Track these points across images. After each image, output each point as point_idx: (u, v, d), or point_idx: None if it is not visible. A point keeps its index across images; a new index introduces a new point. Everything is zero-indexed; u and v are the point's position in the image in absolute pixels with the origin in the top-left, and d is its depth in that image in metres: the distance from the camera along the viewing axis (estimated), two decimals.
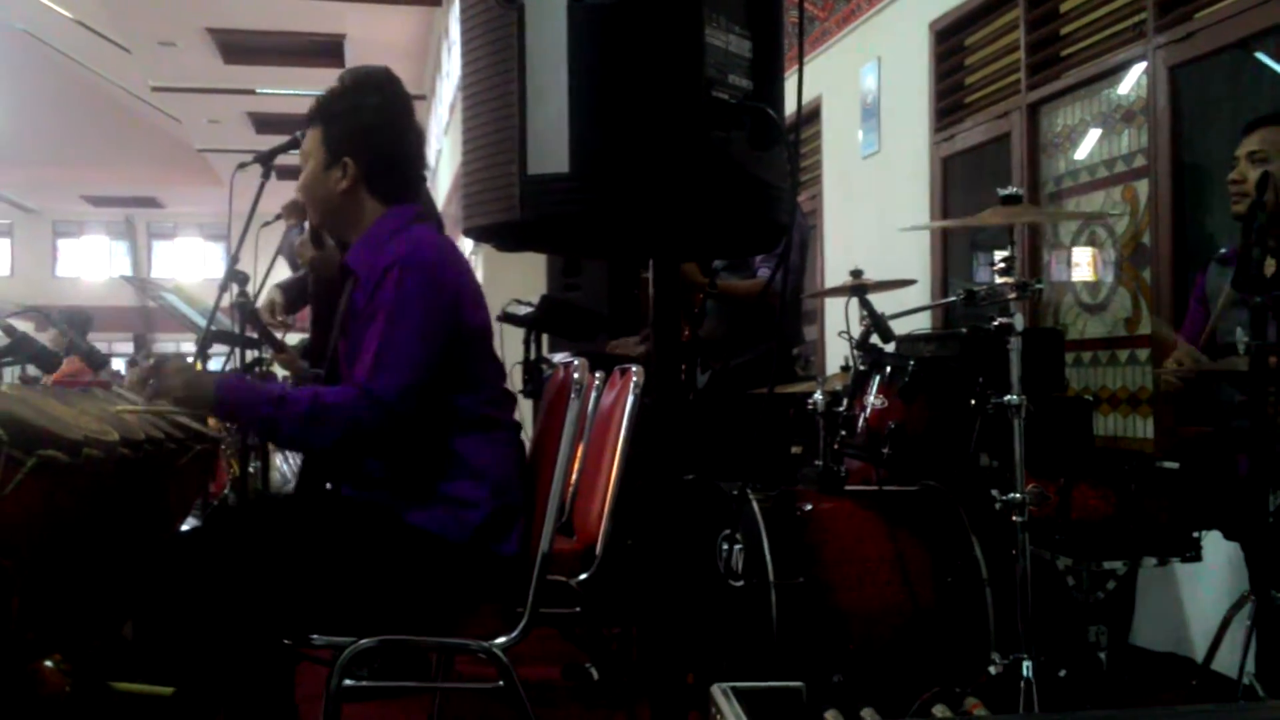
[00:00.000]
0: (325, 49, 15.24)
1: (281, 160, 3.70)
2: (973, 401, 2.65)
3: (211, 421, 3.66)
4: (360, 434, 2.05)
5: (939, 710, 1.14)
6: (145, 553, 2.33)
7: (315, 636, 2.02)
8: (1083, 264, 4.28)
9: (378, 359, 2.05)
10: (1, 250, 27.33)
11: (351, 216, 2.27)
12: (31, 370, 3.32)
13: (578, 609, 2.41)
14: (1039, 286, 2.49)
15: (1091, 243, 4.19)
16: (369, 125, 2.24)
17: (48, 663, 2.01)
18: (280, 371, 4.27)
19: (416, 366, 2.06)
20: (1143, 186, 3.85)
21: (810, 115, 6.20)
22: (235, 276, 3.88)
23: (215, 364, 4.25)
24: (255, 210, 3.58)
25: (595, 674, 3.48)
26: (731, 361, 3.92)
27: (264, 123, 17.14)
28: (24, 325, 2.75)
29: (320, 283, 3.51)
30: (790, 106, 1.66)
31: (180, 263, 27.17)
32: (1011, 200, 2.49)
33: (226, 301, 3.85)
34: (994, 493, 2.45)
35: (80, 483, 2.02)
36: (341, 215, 2.29)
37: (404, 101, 2.31)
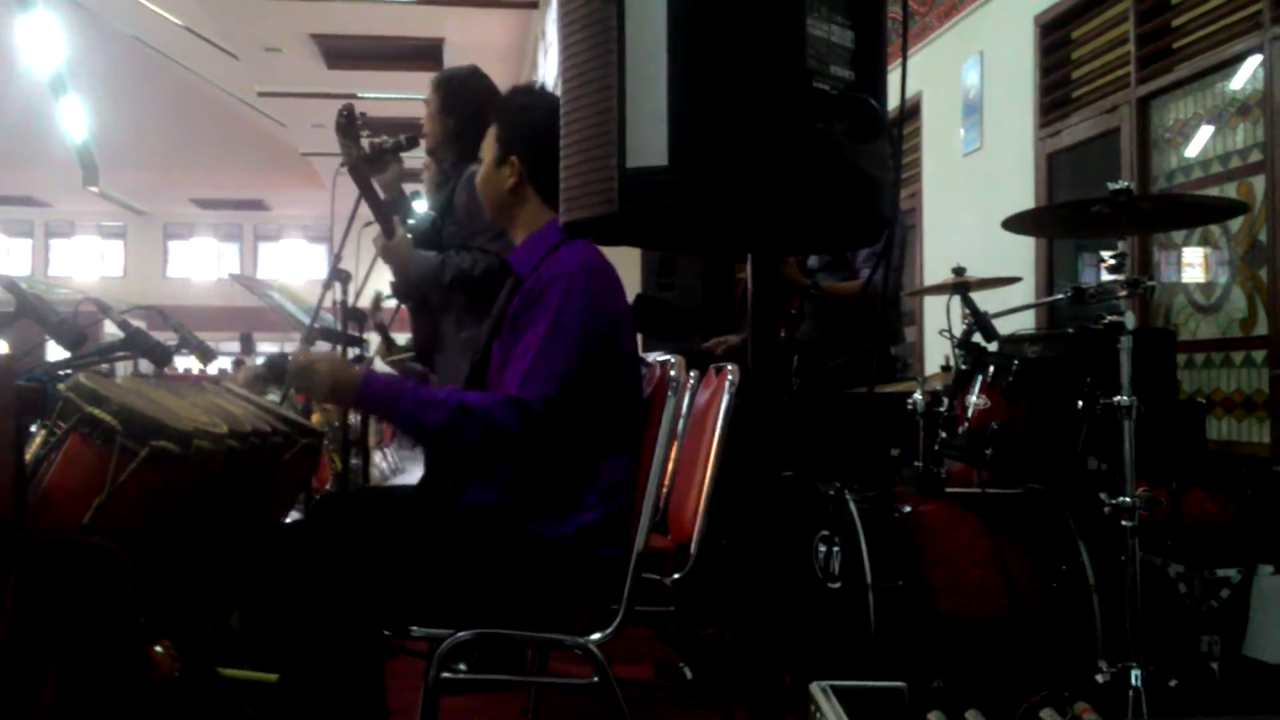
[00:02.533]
0: (424, 53, 15.48)
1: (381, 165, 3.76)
2: (1080, 403, 2.57)
3: (315, 417, 3.73)
4: (500, 440, 2.05)
5: (1047, 714, 1.11)
6: (251, 543, 2.38)
7: (414, 628, 2.05)
8: (1195, 263, 4.14)
9: (530, 369, 2.06)
10: (115, 252, 28.31)
11: (517, 215, 2.30)
12: (145, 366, 3.42)
13: (672, 608, 2.40)
14: (1151, 284, 2.41)
15: (1204, 241, 4.05)
16: (536, 126, 2.25)
17: (158, 648, 2.06)
18: (382, 367, 4.34)
19: (565, 382, 2.07)
20: (1259, 182, 3.70)
21: (910, 112, 6.11)
22: (338, 275, 3.97)
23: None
24: (357, 211, 3.65)
25: (689, 674, 3.47)
26: (828, 364, 3.88)
27: (366, 127, 17.45)
28: (137, 322, 2.83)
29: (406, 282, 3.56)
30: (892, 101, 1.63)
31: (285, 264, 27.83)
32: (1122, 195, 2.41)
33: (329, 300, 3.94)
34: (1102, 496, 2.38)
35: (190, 473, 2.07)
36: (508, 213, 2.32)
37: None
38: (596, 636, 2.08)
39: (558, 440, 2.10)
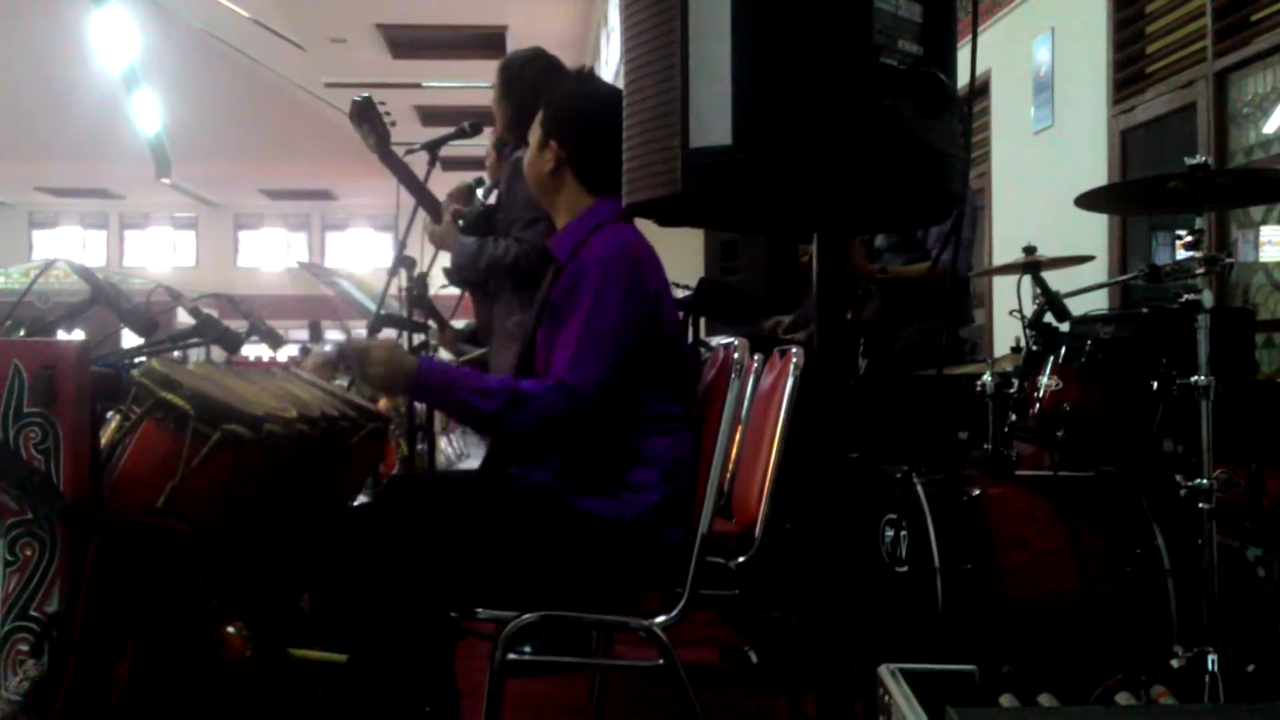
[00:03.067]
0: (488, 41, 15.55)
1: (446, 150, 3.79)
2: (1155, 384, 2.51)
3: (381, 402, 3.77)
4: (552, 424, 2.08)
5: (1123, 698, 1.08)
6: (321, 526, 2.41)
7: (480, 610, 2.06)
8: (1274, 241, 4.03)
9: (577, 353, 2.08)
10: (187, 242, 28.83)
11: (558, 199, 2.32)
12: (216, 353, 3.48)
13: (736, 591, 2.39)
14: (1229, 261, 2.34)
15: None
16: (576, 111, 2.28)
17: (230, 629, 2.09)
18: (444, 354, 4.37)
19: (612, 364, 2.09)
20: None
21: (978, 90, 6.01)
22: (403, 262, 4.00)
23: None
24: (421, 199, 3.67)
25: (754, 658, 3.46)
26: (895, 345, 3.83)
27: (430, 115, 17.61)
28: (208, 310, 2.87)
29: (458, 270, 3.58)
30: (961, 79, 1.59)
31: (352, 252, 28.16)
32: (1199, 170, 2.35)
33: (395, 287, 3.97)
34: (1178, 479, 2.32)
35: (261, 457, 2.10)
36: (550, 196, 2.34)
37: (617, 95, 2.34)
38: (661, 619, 2.07)
39: (610, 421, 2.11)
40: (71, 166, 23.14)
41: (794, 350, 2.37)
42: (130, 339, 2.68)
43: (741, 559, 2.33)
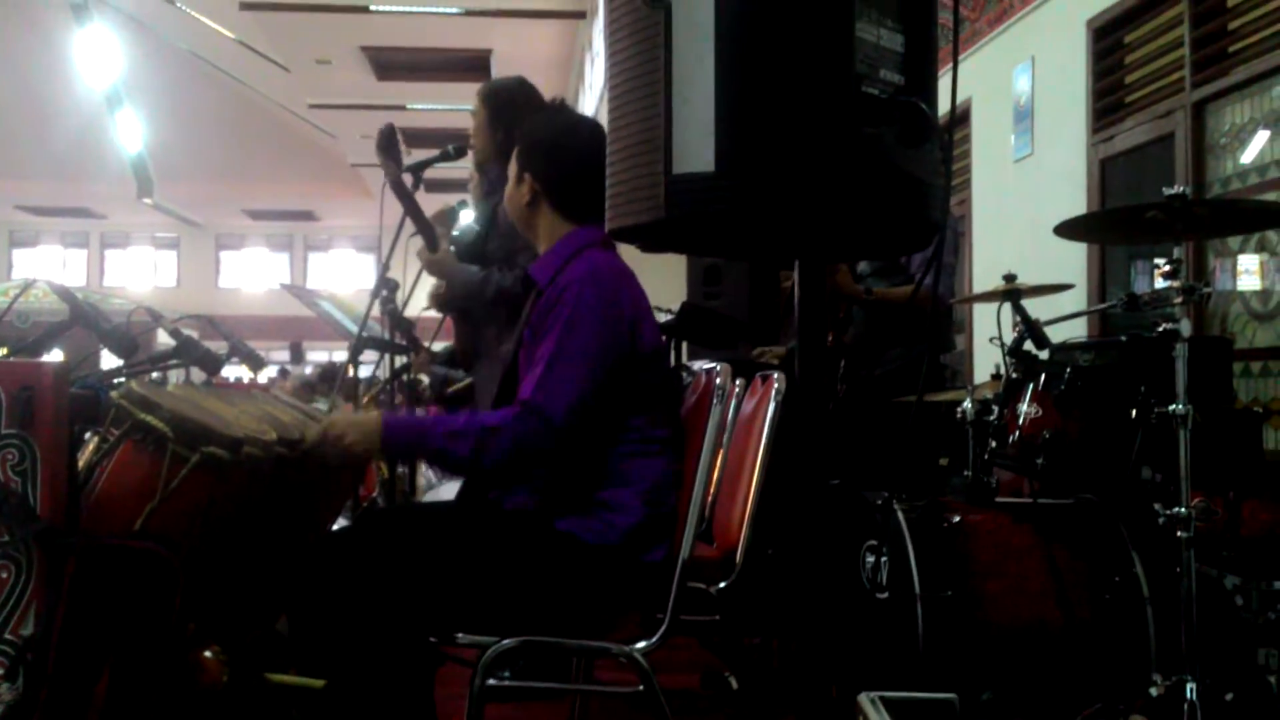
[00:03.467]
0: (472, 64, 15.61)
1: (430, 173, 3.79)
2: (1134, 411, 2.53)
3: None
4: (527, 451, 2.08)
5: None
6: (299, 550, 2.40)
7: (460, 635, 2.05)
8: (1251, 270, 4.06)
9: (545, 376, 2.09)
10: (169, 262, 28.72)
11: (538, 229, 2.35)
12: (196, 375, 3.46)
13: (717, 617, 2.39)
14: (1207, 290, 2.36)
15: (1261, 248, 3.97)
16: (548, 143, 2.32)
17: (206, 653, 2.07)
18: (421, 376, 4.37)
19: (583, 385, 2.09)
20: None
21: (959, 118, 6.06)
22: (386, 284, 3.99)
23: (365, 370, 4.37)
24: (404, 222, 3.67)
25: (734, 683, 3.45)
26: (876, 370, 3.84)
27: (414, 137, 17.59)
28: (189, 331, 2.86)
29: (450, 295, 3.58)
30: (942, 107, 1.61)
31: (334, 274, 28.10)
32: (1177, 200, 2.37)
33: (377, 310, 3.97)
34: (1157, 507, 2.33)
35: (239, 480, 2.09)
36: (529, 227, 2.37)
37: (588, 125, 2.36)
38: (641, 645, 2.07)
39: (588, 442, 2.11)
40: (53, 185, 23.06)
41: (775, 375, 2.37)
42: (110, 360, 2.66)
43: (722, 584, 2.32)
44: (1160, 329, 2.34)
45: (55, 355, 2.74)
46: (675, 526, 2.18)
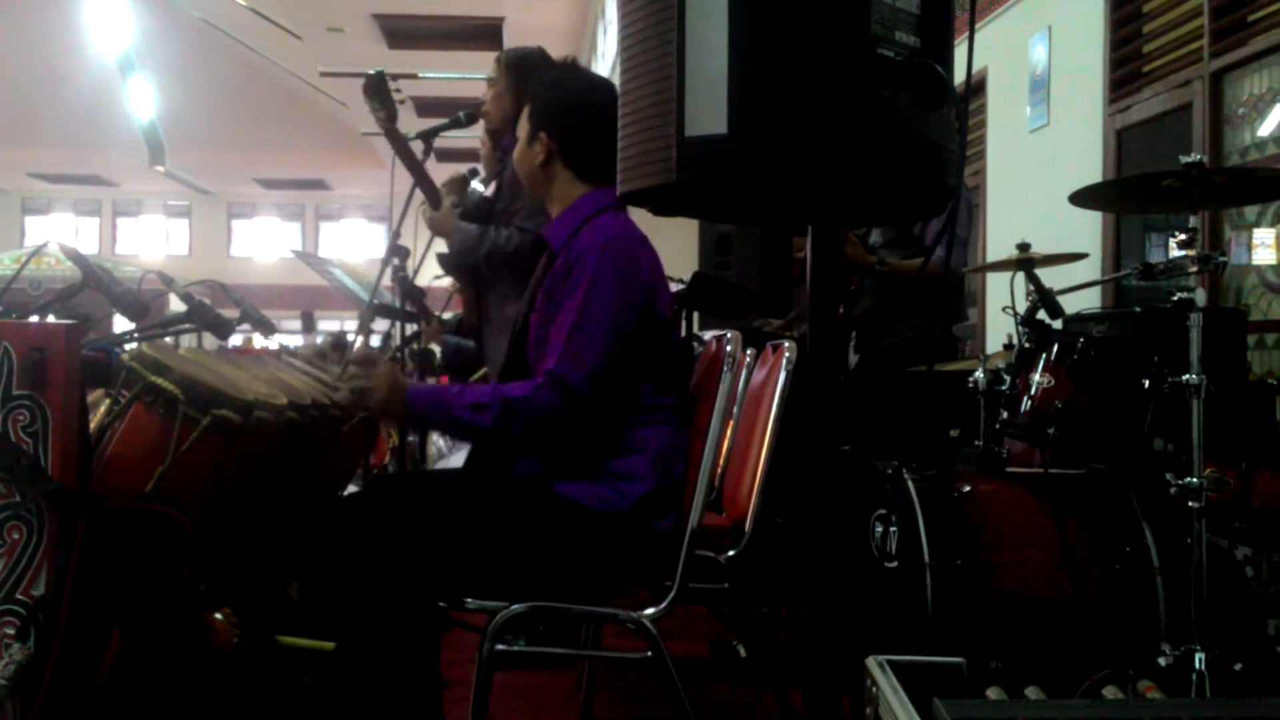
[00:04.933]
0: (484, 33, 15.53)
1: (441, 141, 3.78)
2: (1146, 382, 2.51)
3: None
4: (550, 421, 2.08)
5: (1110, 691, 1.08)
6: (309, 514, 2.41)
7: (469, 600, 2.06)
8: (1267, 243, 4.03)
9: (568, 345, 2.08)
10: (180, 230, 28.75)
11: (551, 190, 2.32)
12: (208, 342, 3.47)
13: (726, 585, 2.39)
14: (1223, 259, 2.34)
15: (1277, 221, 3.94)
16: (564, 101, 2.29)
17: (218, 615, 2.09)
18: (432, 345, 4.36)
19: (606, 354, 2.08)
20: None
21: (974, 88, 6.01)
22: (396, 252, 3.98)
23: (376, 339, 4.37)
24: (415, 189, 3.66)
25: (742, 652, 3.46)
26: (885, 342, 3.82)
27: (425, 106, 17.57)
28: (200, 297, 2.86)
29: (457, 256, 3.57)
30: (959, 74, 1.59)
31: (345, 243, 28.11)
32: (1194, 169, 2.35)
33: (389, 278, 3.96)
34: (1168, 477, 2.32)
35: (250, 443, 2.09)
36: (542, 188, 2.34)
37: (603, 84, 2.35)
38: (650, 612, 2.07)
39: (605, 411, 2.11)
40: (65, 153, 23.08)
41: (786, 344, 2.36)
42: (122, 325, 2.67)
43: (731, 553, 2.32)
44: (1175, 299, 2.32)
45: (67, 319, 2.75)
46: (684, 494, 2.18)
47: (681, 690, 2.09)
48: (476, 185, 3.94)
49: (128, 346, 2.22)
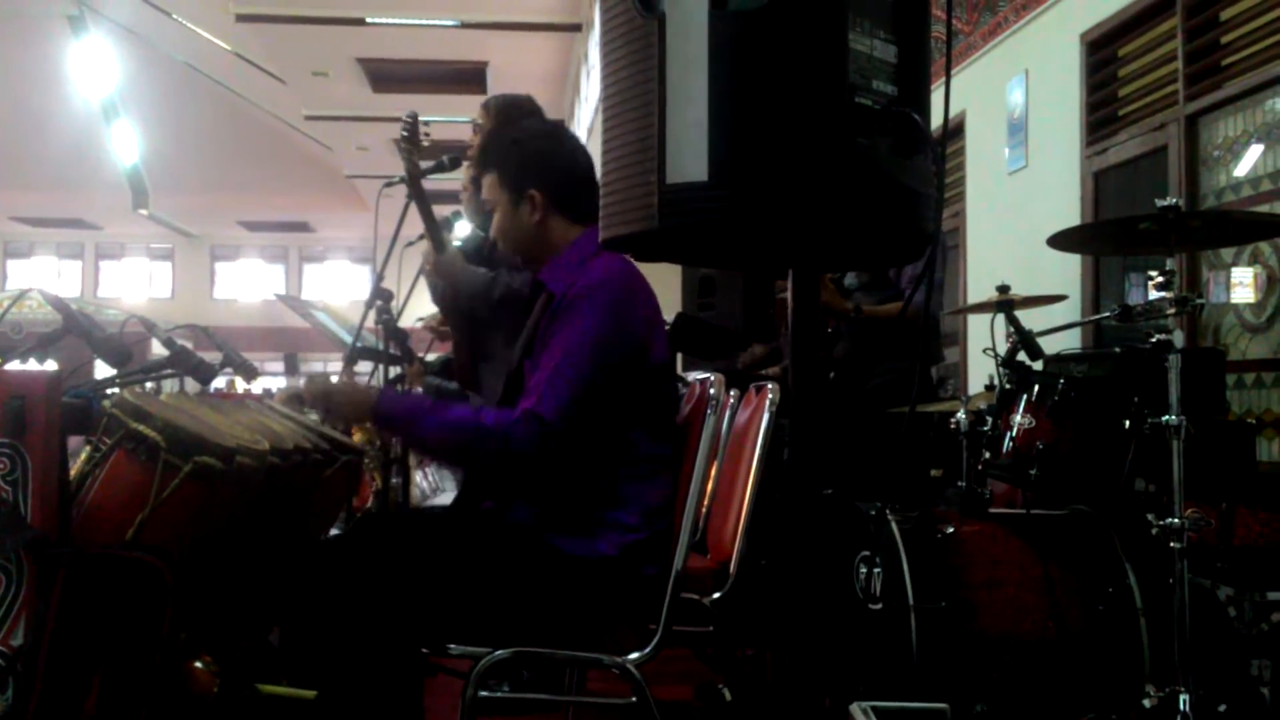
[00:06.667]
0: (469, 77, 15.63)
1: (425, 183, 3.79)
2: (1127, 423, 2.53)
3: (356, 435, 3.74)
4: (520, 456, 2.05)
5: None
6: (292, 560, 2.39)
7: (452, 646, 2.04)
8: (1245, 283, 4.07)
9: (550, 381, 2.06)
10: (163, 273, 28.71)
11: (549, 243, 2.28)
12: (190, 386, 3.45)
13: (711, 628, 2.39)
14: (1200, 301, 2.37)
15: (1254, 260, 3.99)
16: (541, 151, 2.27)
17: (198, 663, 2.07)
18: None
19: (582, 393, 2.06)
20: None
21: (953, 131, 6.07)
22: (380, 294, 3.99)
23: (360, 381, 4.36)
24: (400, 231, 3.67)
25: (728, 695, 3.44)
26: (867, 384, 3.84)
27: None
28: (183, 341, 2.85)
29: (451, 292, 3.58)
30: (935, 120, 1.61)
31: (329, 285, 28.11)
32: (1170, 212, 2.38)
33: (372, 320, 3.97)
34: (1150, 518, 2.34)
35: (232, 489, 2.08)
36: (540, 246, 2.29)
37: (562, 127, 2.36)
38: (635, 656, 2.06)
39: (586, 457, 2.09)
40: (48, 196, 23.05)
41: (769, 386, 2.37)
42: (104, 371, 2.66)
43: (716, 595, 2.32)
44: (1153, 340, 2.35)
45: (49, 365, 2.74)
46: (670, 544, 2.17)
47: None
48: (460, 229, 3.96)
49: (109, 392, 2.21)
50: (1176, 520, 2.28)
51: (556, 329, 2.12)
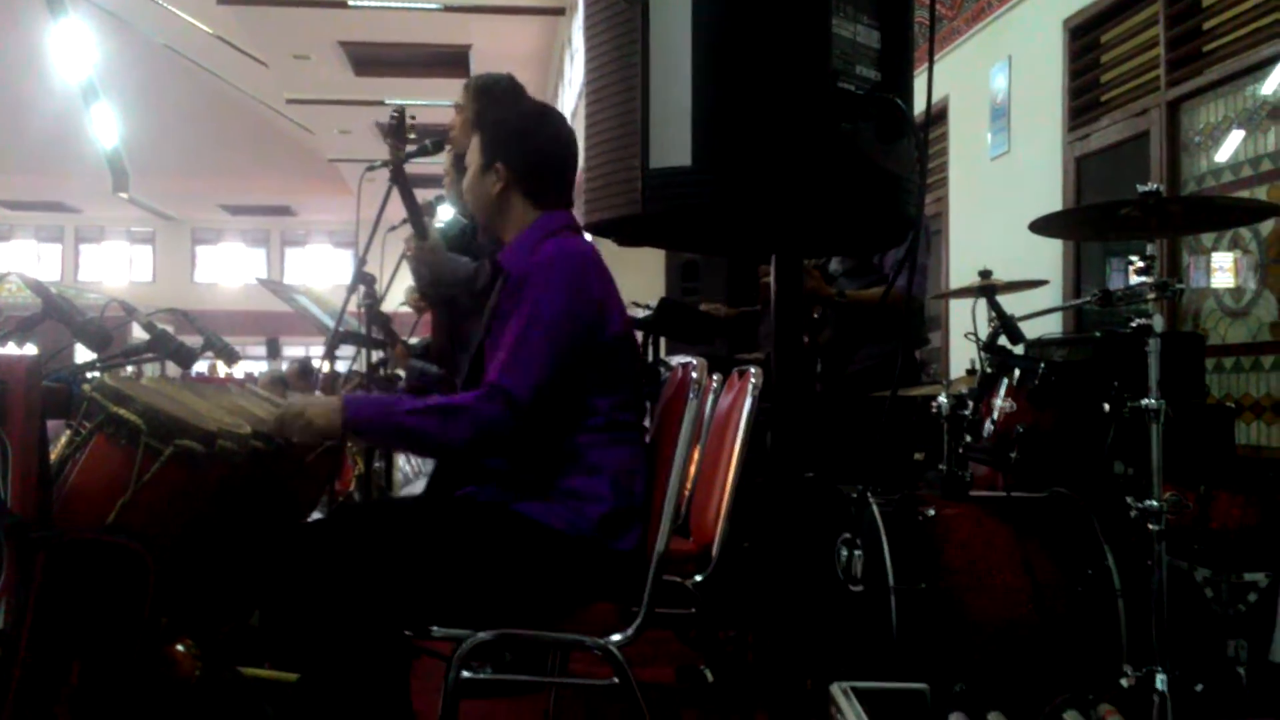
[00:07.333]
0: (451, 60, 15.56)
1: (408, 167, 3.78)
2: (1107, 406, 2.55)
3: None
4: (492, 431, 2.08)
5: (1070, 716, 1.09)
6: (274, 544, 2.39)
7: (435, 629, 2.05)
8: (1225, 268, 4.10)
9: (512, 357, 2.10)
10: (144, 257, 28.53)
11: (506, 218, 2.34)
12: (172, 370, 3.44)
13: (693, 610, 2.40)
14: (1180, 287, 2.38)
15: (1234, 245, 4.01)
16: (518, 131, 2.33)
17: (179, 647, 2.07)
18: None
19: (546, 366, 2.09)
20: None
21: (936, 116, 6.08)
22: (363, 278, 3.98)
23: (342, 365, 4.35)
24: (382, 215, 3.66)
25: (710, 676, 3.45)
26: (849, 369, 3.86)
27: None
28: (163, 325, 2.84)
29: (433, 278, 3.57)
30: (919, 104, 1.62)
31: (311, 269, 28.00)
32: (1151, 197, 2.39)
33: (354, 304, 3.95)
34: (1129, 500, 2.35)
35: (213, 473, 2.08)
36: (497, 217, 2.36)
37: (554, 113, 2.39)
38: (617, 638, 2.07)
39: (552, 424, 2.12)
40: (27, 179, 22.87)
41: (752, 370, 2.38)
42: (84, 355, 2.64)
43: (698, 577, 2.33)
44: (1133, 325, 2.36)
45: (28, 349, 2.72)
46: (644, 514, 2.19)
47: (648, 716, 2.08)
48: (443, 212, 3.94)
49: (89, 376, 2.20)
50: (1155, 503, 2.30)
51: (511, 308, 2.16)
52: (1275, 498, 2.51)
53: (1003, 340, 2.84)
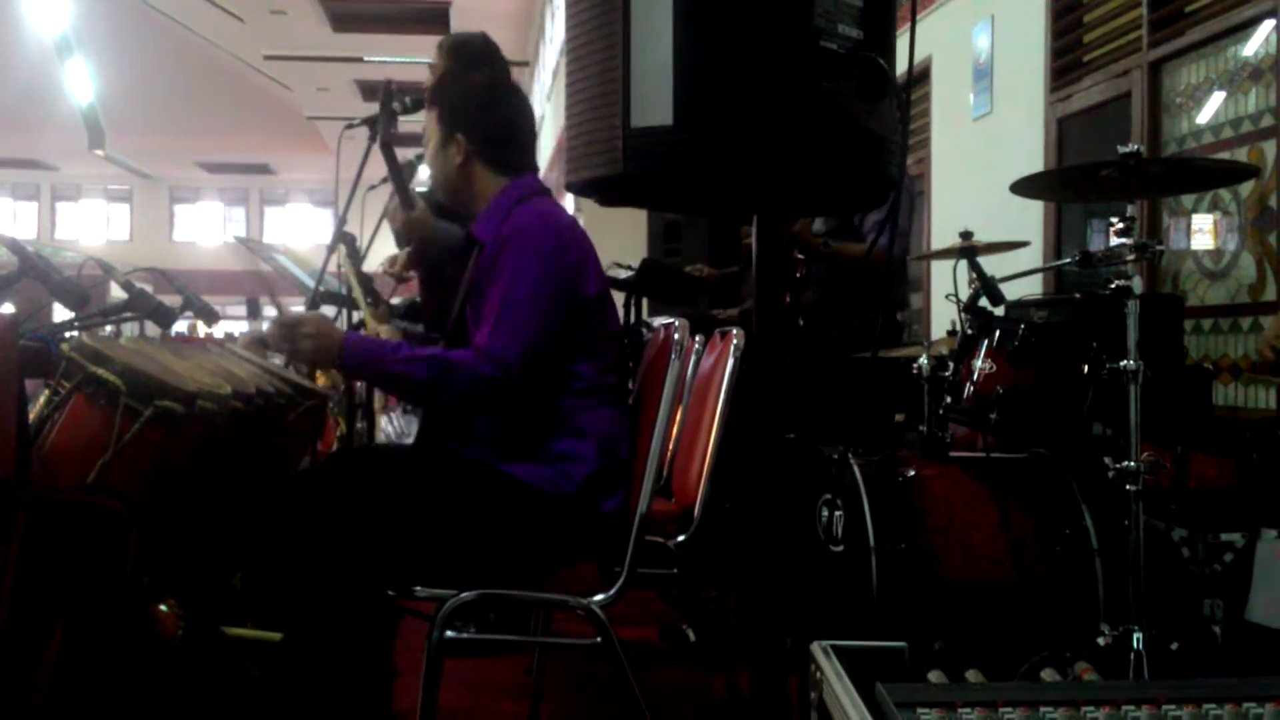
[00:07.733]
0: (431, 16, 15.40)
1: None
2: (1086, 367, 2.56)
3: (320, 379, 3.72)
4: (481, 392, 2.09)
5: (1047, 674, 1.11)
6: (255, 503, 2.39)
7: (418, 588, 2.06)
8: (1204, 230, 4.11)
9: (497, 321, 2.10)
10: (121, 215, 28.29)
11: (472, 190, 2.35)
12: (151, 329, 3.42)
13: (675, 570, 2.41)
14: (1160, 248, 2.39)
15: (1214, 207, 4.02)
16: (476, 103, 2.33)
17: (162, 607, 2.07)
18: (375, 326, 4.33)
19: (534, 328, 2.10)
20: (1270, 148, 3.67)
21: (919, 77, 6.06)
22: (343, 238, 3.95)
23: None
24: (361, 174, 3.63)
25: (692, 636, 3.49)
26: (832, 330, 3.86)
27: (371, 90, 17.40)
28: (142, 284, 2.82)
29: (421, 247, 3.55)
30: (901, 65, 1.61)
31: (290, 228, 27.81)
32: (1131, 158, 2.39)
33: (334, 264, 3.93)
34: (1107, 461, 2.37)
35: (194, 434, 2.07)
36: (462, 190, 2.36)
37: (507, 73, 2.38)
38: (600, 598, 2.08)
39: (536, 387, 2.13)
40: (2, 136, 22.57)
41: (734, 331, 2.38)
42: (62, 314, 2.62)
43: (680, 538, 2.34)
44: (1113, 286, 2.37)
45: (5, 308, 2.70)
46: (627, 475, 2.20)
47: (631, 675, 2.10)
48: (422, 172, 3.91)
49: (68, 336, 2.19)
50: (1133, 463, 2.32)
51: (492, 277, 2.16)
52: (1251, 457, 2.53)
53: (983, 302, 2.85)
